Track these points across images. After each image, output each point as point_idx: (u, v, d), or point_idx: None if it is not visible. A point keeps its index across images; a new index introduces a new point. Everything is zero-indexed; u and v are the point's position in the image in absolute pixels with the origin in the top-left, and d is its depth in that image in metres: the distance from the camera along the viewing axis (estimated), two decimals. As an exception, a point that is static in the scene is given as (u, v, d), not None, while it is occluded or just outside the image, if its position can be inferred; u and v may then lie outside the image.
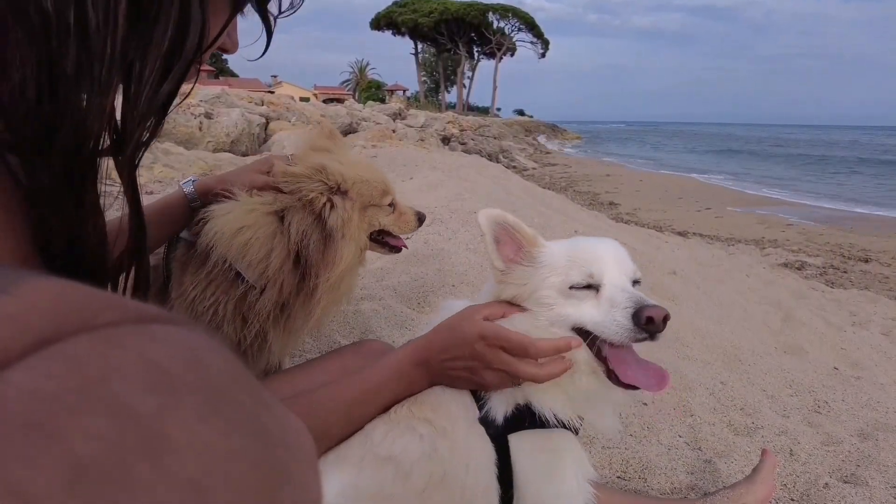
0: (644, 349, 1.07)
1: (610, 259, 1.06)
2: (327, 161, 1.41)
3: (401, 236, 1.60)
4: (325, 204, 1.37)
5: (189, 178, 1.46)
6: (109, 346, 0.24)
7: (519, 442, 1.04)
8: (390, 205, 1.54)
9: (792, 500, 1.90)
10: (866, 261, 7.20)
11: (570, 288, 1.04)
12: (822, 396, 2.67)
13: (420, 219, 1.62)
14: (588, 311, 1.03)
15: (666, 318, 0.97)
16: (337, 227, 1.38)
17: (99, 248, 0.59)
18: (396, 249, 1.60)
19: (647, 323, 0.96)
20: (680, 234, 8.37)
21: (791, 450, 2.15)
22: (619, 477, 1.90)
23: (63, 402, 0.21)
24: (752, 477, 1.66)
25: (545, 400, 1.06)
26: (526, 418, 1.05)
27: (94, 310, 0.26)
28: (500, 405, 1.06)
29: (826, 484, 1.96)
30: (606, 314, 1.01)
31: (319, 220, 1.37)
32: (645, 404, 2.29)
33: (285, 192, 1.38)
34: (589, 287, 1.04)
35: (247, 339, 1.42)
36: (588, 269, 1.04)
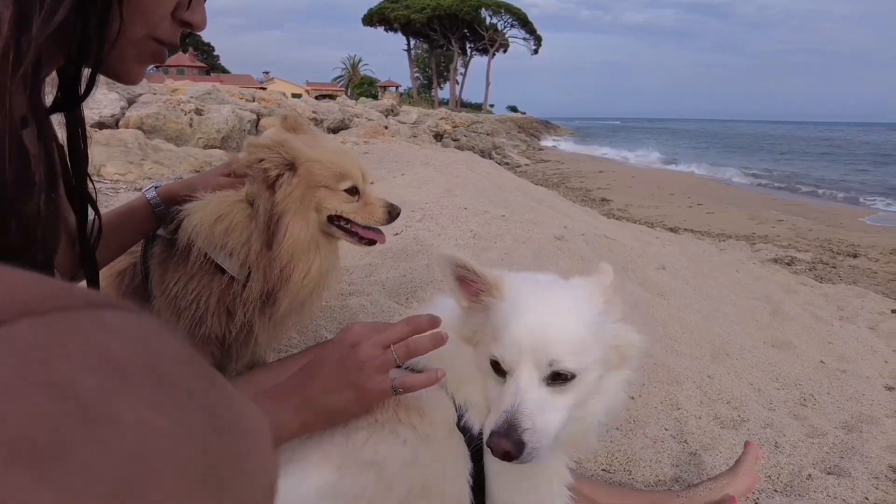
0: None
1: (528, 348, 0.97)
2: (290, 137, 1.40)
3: (380, 229, 1.55)
4: (277, 177, 1.36)
5: (151, 185, 1.46)
6: (55, 330, 0.24)
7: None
8: (350, 191, 1.47)
9: (776, 490, 1.92)
10: (855, 256, 7.25)
11: (491, 360, 1.01)
12: (808, 389, 2.69)
13: (391, 212, 1.53)
14: (493, 390, 1.01)
15: (507, 455, 0.92)
16: (278, 201, 1.36)
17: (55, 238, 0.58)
18: (369, 242, 1.53)
19: (494, 447, 0.94)
20: (671, 229, 8.39)
21: (776, 442, 2.17)
22: (603, 469, 1.91)
23: (4, 383, 0.21)
24: (734, 468, 1.68)
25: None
26: None
27: (41, 296, 0.26)
28: (478, 415, 1.05)
29: (810, 475, 1.98)
30: (494, 410, 0.99)
31: (272, 195, 1.36)
32: (632, 398, 2.30)
33: (249, 165, 1.37)
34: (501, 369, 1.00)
35: (232, 332, 1.42)
36: (503, 353, 0.99)
